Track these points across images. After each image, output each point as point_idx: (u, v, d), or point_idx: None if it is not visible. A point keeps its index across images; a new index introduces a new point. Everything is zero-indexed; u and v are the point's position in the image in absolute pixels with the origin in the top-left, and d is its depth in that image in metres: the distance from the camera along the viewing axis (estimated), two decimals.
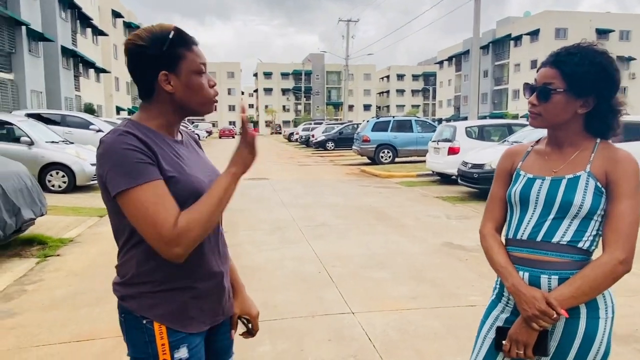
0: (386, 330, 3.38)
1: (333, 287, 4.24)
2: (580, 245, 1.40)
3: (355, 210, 8.16)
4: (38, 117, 13.49)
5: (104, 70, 34.63)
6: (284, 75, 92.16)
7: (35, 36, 22.48)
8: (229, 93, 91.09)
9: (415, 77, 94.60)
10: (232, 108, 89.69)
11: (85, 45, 31.81)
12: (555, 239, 1.41)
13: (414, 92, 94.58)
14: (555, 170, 1.46)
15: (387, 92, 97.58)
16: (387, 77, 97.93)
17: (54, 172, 9.43)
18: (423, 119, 19.66)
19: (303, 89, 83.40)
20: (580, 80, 1.37)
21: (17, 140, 9.35)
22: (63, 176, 9.47)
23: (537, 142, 1.59)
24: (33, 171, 9.25)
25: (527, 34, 52.09)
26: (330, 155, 23.01)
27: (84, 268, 4.90)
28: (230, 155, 1.23)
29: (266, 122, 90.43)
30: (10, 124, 9.58)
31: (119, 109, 39.91)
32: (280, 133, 65.31)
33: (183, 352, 1.25)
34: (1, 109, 18.64)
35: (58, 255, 5.39)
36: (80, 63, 30.27)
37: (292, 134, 41.14)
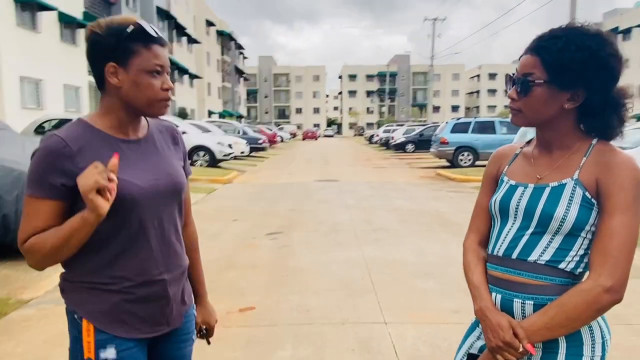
0: (416, 344, 3.17)
1: (372, 295, 4.07)
2: (561, 266, 1.17)
3: (419, 214, 7.84)
4: None
5: (197, 76, 36.93)
6: (369, 77, 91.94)
7: None
8: (314, 96, 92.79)
9: None
10: (316, 111, 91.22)
11: (181, 53, 34.13)
12: (531, 258, 1.19)
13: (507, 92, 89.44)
14: (540, 176, 1.24)
15: (477, 92, 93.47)
16: (478, 76, 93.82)
17: None
18: (509, 120, 18.45)
19: (387, 90, 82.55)
20: (565, 69, 1.13)
21: None
22: None
23: (529, 142, 1.36)
24: None
25: (638, 26, 46.93)
26: (408, 158, 22.46)
27: None
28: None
29: (350, 124, 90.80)
30: None
31: (210, 113, 42.32)
32: (362, 135, 65.20)
33: (110, 352, 1.23)
34: None
35: None
36: (176, 70, 32.53)
37: (372, 136, 40.83)
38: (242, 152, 19.43)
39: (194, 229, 1.54)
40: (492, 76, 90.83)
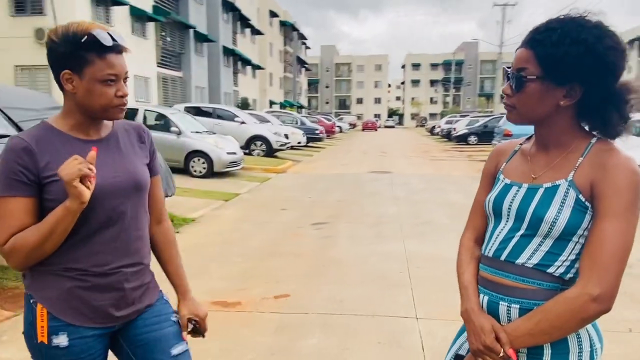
0: (446, 341, 3.11)
1: (408, 289, 4.04)
2: (550, 270, 1.13)
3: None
4: (197, 109, 15.41)
5: (259, 67, 37.70)
6: (433, 66, 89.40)
7: (201, 38, 25.47)
8: (375, 86, 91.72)
9: None
10: (377, 101, 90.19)
11: (244, 44, 34.96)
12: (519, 260, 1.16)
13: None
14: (535, 176, 1.19)
15: None
16: None
17: (195, 159, 10.65)
18: None
19: (453, 79, 79.88)
20: (559, 63, 1.07)
21: (169, 130, 10.76)
22: (203, 162, 10.64)
23: (528, 139, 1.30)
24: (179, 157, 10.63)
25: None
26: (469, 150, 21.71)
27: (193, 245, 5.47)
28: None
29: (412, 114, 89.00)
30: (165, 116, 11.05)
31: (271, 103, 43.10)
32: (424, 126, 63.74)
33: (62, 339, 1.28)
34: (171, 102, 21.62)
35: (178, 232, 6.09)
36: (239, 61, 33.40)
37: (434, 127, 39.79)
38: (299, 143, 19.68)
39: (169, 225, 1.58)
40: None
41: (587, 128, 1.18)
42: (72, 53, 1.23)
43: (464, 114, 38.59)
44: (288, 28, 50.35)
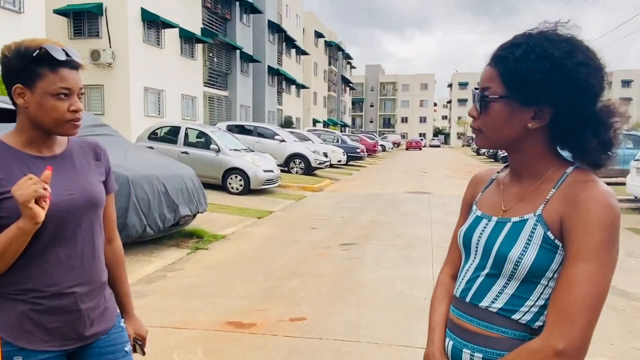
0: None
1: None
2: (515, 317, 1.00)
3: None
4: (239, 128, 15.76)
5: (303, 86, 38.27)
6: None
7: (247, 58, 26.19)
8: (421, 105, 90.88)
9: None
10: (423, 120, 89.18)
11: (289, 64, 35.65)
12: (483, 303, 1.03)
13: None
14: (505, 208, 1.07)
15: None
16: (610, 83, 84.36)
17: (233, 176, 10.81)
18: (634, 133, 16.34)
19: None
20: (523, 81, 0.96)
21: (209, 147, 11.01)
22: (240, 180, 10.78)
23: (506, 166, 1.18)
24: (218, 174, 10.84)
25: None
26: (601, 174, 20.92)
27: (219, 262, 5.49)
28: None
29: (458, 134, 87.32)
30: (205, 134, 11.33)
31: (315, 121, 43.51)
32: (470, 146, 62.22)
33: None
34: (216, 120, 22.23)
35: (206, 249, 6.15)
36: (284, 80, 34.04)
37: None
38: (339, 161, 19.67)
39: (119, 244, 1.56)
40: (626, 83, 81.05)
41: (567, 156, 1.05)
42: (24, 67, 1.22)
43: None
44: (333, 48, 50.98)
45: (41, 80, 1.22)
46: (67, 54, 1.24)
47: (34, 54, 1.21)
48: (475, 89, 1.06)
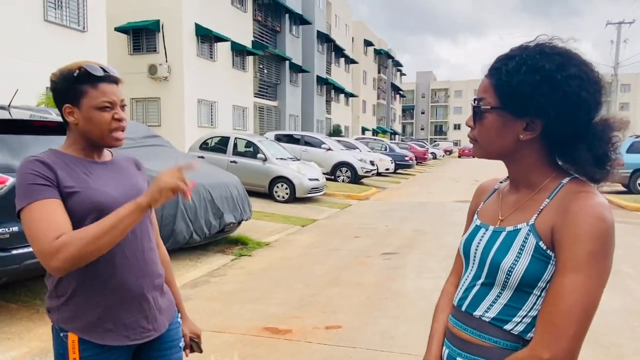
0: None
1: None
2: (507, 327, 1.00)
3: None
4: (288, 137, 16.06)
5: (352, 95, 38.39)
6: None
7: (296, 69, 26.65)
8: None
9: None
10: None
11: (338, 73, 35.91)
12: (477, 313, 1.05)
13: None
14: (502, 217, 1.08)
15: None
16: None
17: (279, 184, 11.01)
18: None
19: None
20: (514, 93, 0.97)
21: (256, 156, 11.29)
22: (286, 188, 10.97)
23: (508, 177, 1.18)
24: (264, 182, 11.08)
25: None
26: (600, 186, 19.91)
27: (260, 269, 5.62)
28: None
29: None
30: (253, 143, 11.63)
31: (364, 129, 43.47)
32: None
33: None
34: (266, 130, 22.73)
35: (250, 255, 6.31)
36: (332, 89, 34.32)
37: None
38: (387, 169, 19.52)
39: (164, 249, 1.65)
40: None
41: (565, 167, 1.04)
42: (68, 88, 1.35)
43: None
44: (383, 56, 50.82)
45: (85, 97, 1.34)
46: (104, 70, 1.37)
47: (75, 75, 1.34)
48: (474, 99, 1.08)
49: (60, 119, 1.44)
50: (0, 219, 3.47)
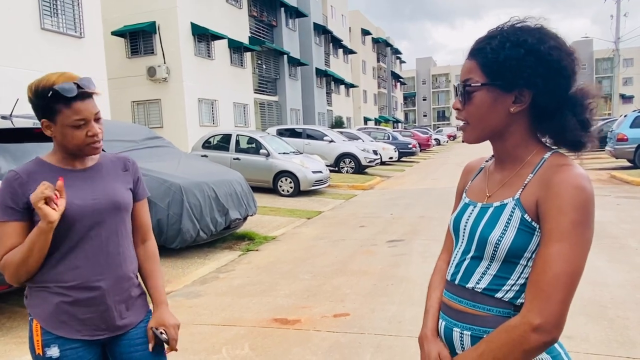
0: None
1: None
2: (498, 295, 1.06)
3: None
4: (290, 131, 16.10)
5: (352, 85, 38.28)
6: None
7: (294, 62, 26.60)
8: None
9: None
10: None
11: (337, 64, 35.79)
12: (470, 284, 1.10)
13: None
14: (489, 194, 1.13)
15: None
16: None
17: (283, 179, 11.07)
18: None
19: None
20: (502, 68, 1.02)
21: (259, 152, 11.35)
22: (290, 182, 11.02)
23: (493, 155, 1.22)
24: (268, 177, 11.14)
25: None
26: (581, 158, 19.79)
27: (268, 263, 5.69)
28: None
29: None
30: (255, 139, 11.68)
31: (366, 119, 43.37)
32: None
33: (54, 351, 1.43)
34: (268, 125, 22.77)
35: (257, 250, 6.38)
36: (332, 81, 34.23)
37: None
38: (391, 158, 19.51)
39: (151, 243, 1.68)
40: None
41: (549, 142, 1.09)
42: (44, 105, 1.41)
43: None
44: (381, 44, 50.57)
45: (59, 115, 1.41)
46: (79, 86, 1.40)
47: (49, 94, 1.39)
48: (457, 83, 1.12)
49: None
50: None
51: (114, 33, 17.08)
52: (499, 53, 1.02)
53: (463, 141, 1.18)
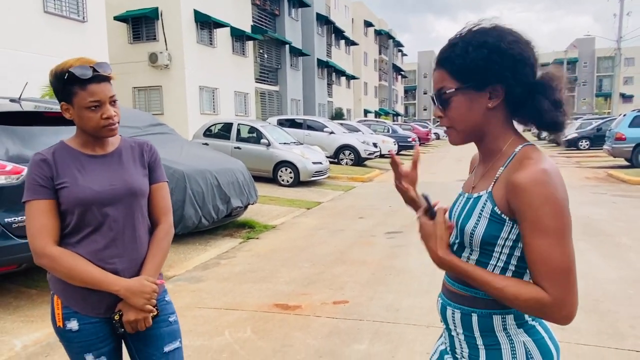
0: None
1: None
2: None
3: None
4: (290, 121, 16.13)
5: (353, 77, 38.23)
6: (543, 66, 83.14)
7: (296, 52, 26.57)
8: None
9: None
10: None
11: (338, 56, 35.71)
12: None
13: None
14: (474, 185, 1.22)
15: None
16: None
17: (283, 169, 11.14)
18: None
19: (565, 80, 73.57)
20: (471, 71, 1.10)
21: (259, 142, 11.40)
22: (290, 172, 11.10)
23: None
24: (269, 167, 11.21)
25: None
26: (579, 156, 19.95)
27: (268, 250, 5.78)
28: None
29: None
30: (256, 129, 11.73)
31: (366, 112, 43.36)
32: (530, 130, 59.45)
33: (74, 324, 1.52)
34: (268, 115, 22.79)
35: (258, 238, 6.48)
36: (333, 72, 34.18)
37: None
38: (390, 151, 19.55)
39: (163, 227, 1.68)
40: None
41: (533, 128, 1.18)
42: (61, 88, 1.49)
43: (577, 117, 35.43)
44: (383, 36, 50.40)
45: (75, 97, 1.48)
46: (94, 70, 1.47)
47: (65, 77, 1.46)
48: (433, 91, 1.21)
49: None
50: (19, 206, 3.62)
51: (117, 18, 17.04)
52: (465, 58, 1.10)
53: (449, 142, 1.24)
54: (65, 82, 1.47)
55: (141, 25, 17.64)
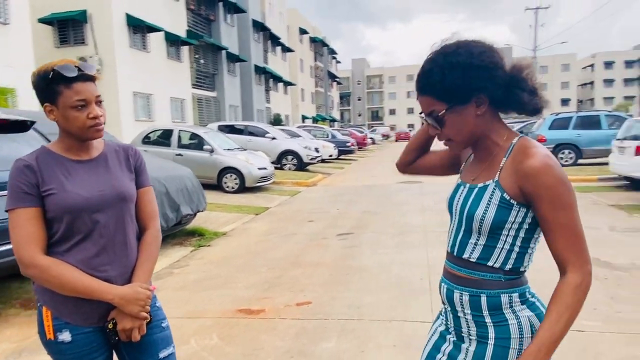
0: None
1: (427, 296, 4.11)
2: (490, 263, 1.26)
3: None
4: (230, 127, 15.91)
5: (290, 83, 38.39)
6: None
7: (233, 58, 26.28)
8: (408, 96, 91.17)
9: (628, 64, 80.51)
10: (410, 111, 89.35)
11: (275, 62, 35.75)
12: (465, 255, 1.30)
13: (626, 81, 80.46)
14: (473, 177, 1.33)
15: (592, 83, 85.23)
16: (592, 65, 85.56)
17: (228, 175, 11.00)
18: (617, 114, 16.76)
19: None
20: (453, 91, 1.21)
21: (202, 148, 11.18)
22: (235, 178, 10.98)
23: None
24: (213, 174, 11.01)
25: None
26: None
27: (221, 257, 5.71)
28: None
29: None
30: (198, 135, 11.49)
31: (304, 118, 43.66)
32: None
33: (66, 335, 1.47)
34: (206, 121, 22.34)
35: (209, 245, 6.37)
36: (270, 78, 34.15)
37: None
38: (331, 156, 19.89)
39: (152, 231, 1.66)
40: (609, 65, 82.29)
41: (516, 114, 1.32)
42: (46, 88, 1.44)
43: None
44: (318, 44, 51.07)
45: (61, 97, 1.44)
46: (79, 69, 1.45)
47: (50, 76, 1.42)
48: (420, 114, 1.33)
49: (10, 117, 1.52)
50: None
51: (41, 20, 16.03)
52: (444, 82, 1.20)
53: (453, 152, 1.36)
54: (50, 81, 1.42)
55: (68, 28, 16.70)
